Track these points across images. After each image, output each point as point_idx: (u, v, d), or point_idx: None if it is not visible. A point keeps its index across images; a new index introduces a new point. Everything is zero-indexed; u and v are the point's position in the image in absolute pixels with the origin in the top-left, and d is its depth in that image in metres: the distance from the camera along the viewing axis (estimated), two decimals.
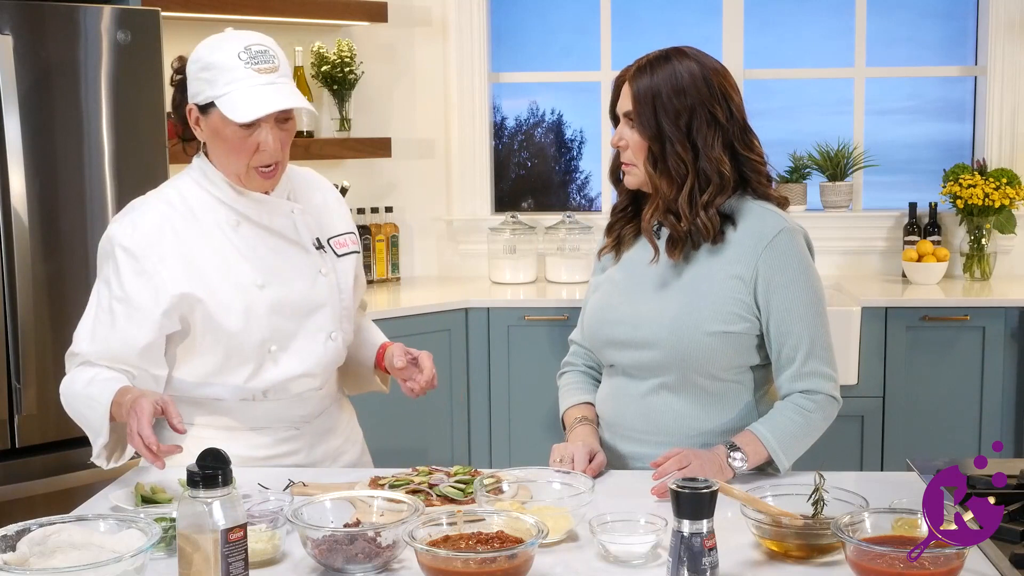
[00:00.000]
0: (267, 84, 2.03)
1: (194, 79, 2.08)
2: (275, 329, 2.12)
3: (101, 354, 2.08)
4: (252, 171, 2.09)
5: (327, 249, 2.23)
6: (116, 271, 2.08)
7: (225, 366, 2.12)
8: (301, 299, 2.15)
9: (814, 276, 2.13)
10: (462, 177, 4.69)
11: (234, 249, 2.12)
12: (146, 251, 2.07)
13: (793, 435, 2.09)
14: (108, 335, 2.07)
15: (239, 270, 2.11)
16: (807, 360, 2.10)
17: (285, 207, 2.17)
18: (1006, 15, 4.45)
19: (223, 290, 2.09)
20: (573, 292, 4.30)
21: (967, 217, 4.36)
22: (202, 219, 2.12)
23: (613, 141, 2.16)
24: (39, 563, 1.55)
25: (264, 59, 2.04)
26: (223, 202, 2.13)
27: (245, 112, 2.01)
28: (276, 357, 2.13)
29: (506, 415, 4.10)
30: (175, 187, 2.17)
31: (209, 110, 2.06)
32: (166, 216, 2.11)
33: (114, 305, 2.07)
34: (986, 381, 3.94)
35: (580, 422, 2.24)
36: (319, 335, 2.18)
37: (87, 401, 2.03)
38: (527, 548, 1.57)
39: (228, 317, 2.08)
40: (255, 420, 2.18)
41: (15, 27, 2.99)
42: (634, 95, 2.10)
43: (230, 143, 2.06)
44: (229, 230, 2.13)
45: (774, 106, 4.84)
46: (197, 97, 2.07)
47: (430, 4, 4.60)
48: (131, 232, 2.09)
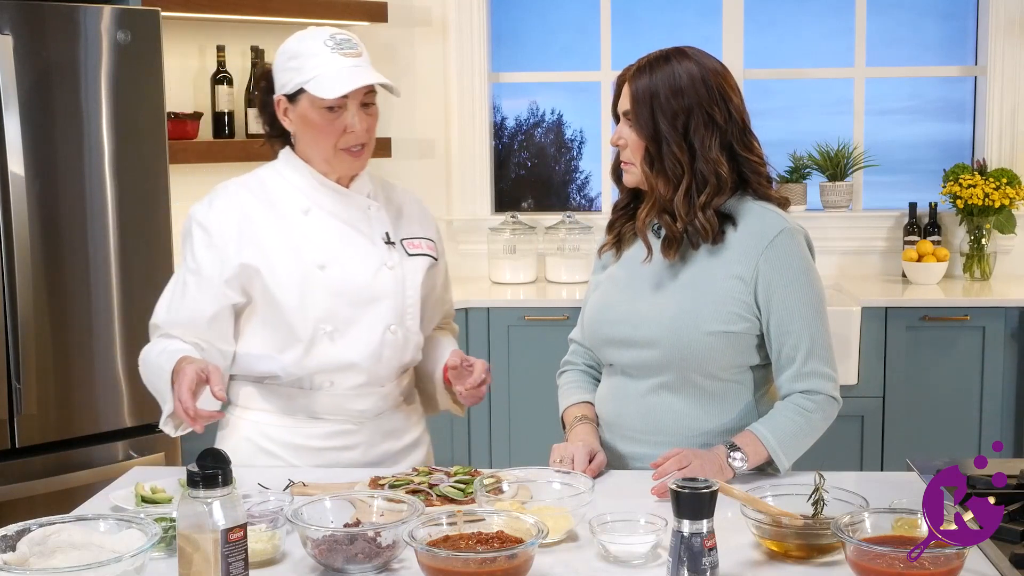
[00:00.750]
0: (352, 66, 2.14)
1: (282, 70, 2.18)
2: (331, 311, 2.18)
3: (173, 323, 2.19)
4: (340, 153, 2.18)
5: (397, 246, 2.27)
6: (191, 246, 2.21)
7: (280, 342, 2.19)
8: (362, 287, 2.20)
9: (815, 276, 2.13)
10: (462, 177, 4.69)
11: (301, 232, 2.20)
12: (218, 226, 2.19)
13: (793, 435, 2.09)
14: (180, 305, 2.19)
15: (302, 250, 2.18)
16: (807, 360, 2.10)
17: (362, 202, 2.25)
18: (1006, 15, 4.45)
19: (283, 266, 2.17)
20: (573, 292, 4.30)
21: (967, 217, 4.36)
22: (277, 204, 2.22)
23: (613, 140, 2.17)
24: (39, 563, 1.55)
25: (348, 46, 2.16)
26: (300, 190, 2.22)
27: (331, 89, 2.11)
28: (332, 338, 2.18)
29: (506, 415, 4.10)
30: (257, 175, 2.28)
31: (297, 97, 2.16)
32: (243, 199, 2.23)
33: (187, 277, 2.20)
34: (986, 381, 3.94)
35: (580, 421, 2.24)
36: (378, 325, 2.22)
37: (157, 371, 2.13)
38: (527, 548, 1.57)
39: (284, 293, 2.16)
40: (312, 409, 2.23)
41: (15, 27, 2.99)
42: (632, 95, 2.11)
43: (318, 127, 2.15)
44: (300, 214, 2.21)
45: (774, 106, 4.84)
46: (286, 87, 2.17)
47: (430, 4, 4.60)
48: (207, 210, 2.22)
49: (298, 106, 2.16)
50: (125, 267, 3.23)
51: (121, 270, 3.22)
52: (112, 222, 3.21)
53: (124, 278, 3.23)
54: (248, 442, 2.24)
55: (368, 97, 2.16)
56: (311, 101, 2.13)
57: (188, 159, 3.85)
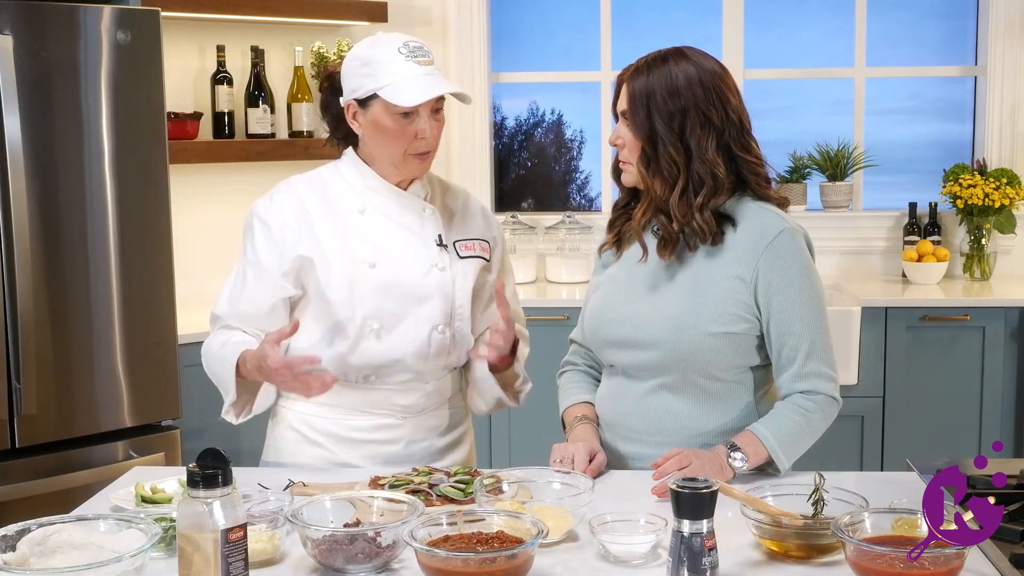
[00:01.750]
0: (426, 75, 2.17)
1: (354, 75, 2.20)
2: (379, 308, 2.21)
3: (233, 314, 2.26)
4: (409, 157, 2.22)
5: (450, 248, 2.29)
6: (251, 239, 2.27)
7: (329, 335, 2.23)
8: (411, 286, 2.23)
9: (815, 277, 2.13)
10: (462, 177, 4.68)
11: (355, 230, 2.24)
12: (277, 220, 2.25)
13: (793, 435, 2.09)
14: (240, 296, 2.26)
15: (354, 247, 2.23)
16: (807, 361, 2.10)
17: (418, 204, 2.28)
18: (1006, 15, 4.45)
19: (335, 262, 2.22)
20: (573, 292, 4.30)
21: (967, 217, 4.36)
22: (334, 204, 2.26)
23: (611, 139, 2.18)
24: (39, 563, 1.55)
25: (421, 53, 2.19)
26: (358, 191, 2.27)
27: (408, 97, 2.13)
28: (379, 335, 2.21)
29: (506, 415, 4.09)
30: (319, 174, 2.32)
31: (370, 103, 2.18)
32: (302, 196, 2.28)
33: (247, 269, 2.27)
34: (986, 381, 3.94)
35: (580, 421, 2.24)
36: (425, 325, 2.24)
37: (220, 361, 2.21)
38: (527, 548, 1.57)
39: (334, 288, 2.21)
40: (357, 402, 2.26)
41: (15, 27, 2.99)
42: (629, 95, 2.11)
43: (390, 132, 2.18)
44: (356, 214, 2.25)
45: (774, 106, 4.84)
46: (357, 92, 2.19)
47: (430, 4, 4.60)
48: (268, 204, 2.28)
49: (370, 111, 2.19)
50: (125, 267, 3.23)
51: (121, 270, 3.22)
52: (112, 222, 3.21)
53: (124, 278, 3.23)
54: (294, 431, 2.29)
55: (438, 104, 2.20)
56: (385, 107, 2.16)
57: (188, 159, 3.85)
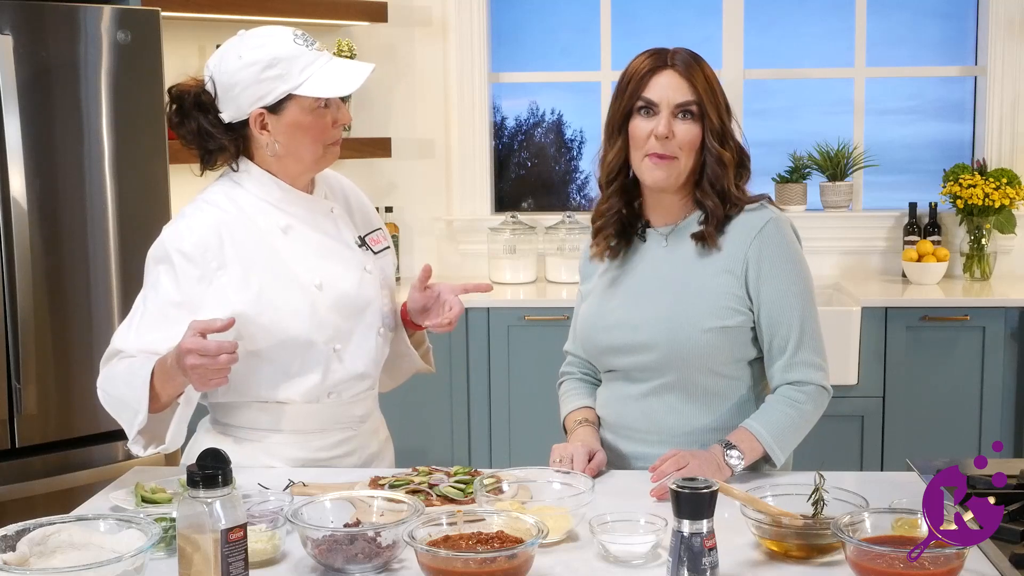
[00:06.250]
0: (331, 59, 2.10)
1: (255, 83, 2.05)
2: (337, 328, 2.14)
3: (146, 351, 2.02)
4: (329, 148, 2.13)
5: (367, 247, 2.26)
6: (173, 275, 2.05)
7: (296, 370, 2.12)
8: (354, 297, 2.18)
9: (803, 265, 2.16)
10: (462, 177, 4.68)
11: (288, 252, 2.13)
12: (205, 255, 2.06)
13: (786, 428, 2.10)
14: (155, 336, 2.01)
15: (296, 273, 2.12)
16: (797, 350, 2.12)
17: (325, 206, 2.21)
18: (1006, 15, 4.45)
19: (286, 295, 2.09)
20: (573, 292, 4.25)
21: (967, 217, 4.36)
22: (256, 221, 2.12)
23: (659, 132, 2.09)
24: (39, 563, 1.55)
25: (313, 40, 2.12)
26: (272, 204, 2.14)
27: (339, 86, 2.07)
28: (341, 356, 2.16)
29: (506, 415, 4.10)
30: (220, 192, 2.15)
31: (284, 105, 2.07)
32: (220, 220, 2.10)
33: (167, 309, 2.04)
34: (986, 381, 3.94)
35: (581, 424, 2.24)
36: (371, 332, 2.21)
37: (127, 378, 2.00)
38: (527, 548, 1.57)
39: (294, 321, 2.09)
40: (318, 422, 2.19)
41: (15, 27, 2.99)
42: (700, 87, 2.11)
43: (310, 128, 2.09)
44: (280, 234, 2.13)
45: (774, 106, 4.84)
46: (266, 98, 2.06)
47: (430, 4, 4.60)
48: (188, 235, 2.07)
49: (285, 114, 2.07)
50: (125, 267, 3.22)
51: (121, 270, 3.22)
52: (112, 222, 3.21)
53: (124, 278, 3.22)
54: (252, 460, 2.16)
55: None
56: (301, 105, 2.06)
57: (188, 159, 3.82)
